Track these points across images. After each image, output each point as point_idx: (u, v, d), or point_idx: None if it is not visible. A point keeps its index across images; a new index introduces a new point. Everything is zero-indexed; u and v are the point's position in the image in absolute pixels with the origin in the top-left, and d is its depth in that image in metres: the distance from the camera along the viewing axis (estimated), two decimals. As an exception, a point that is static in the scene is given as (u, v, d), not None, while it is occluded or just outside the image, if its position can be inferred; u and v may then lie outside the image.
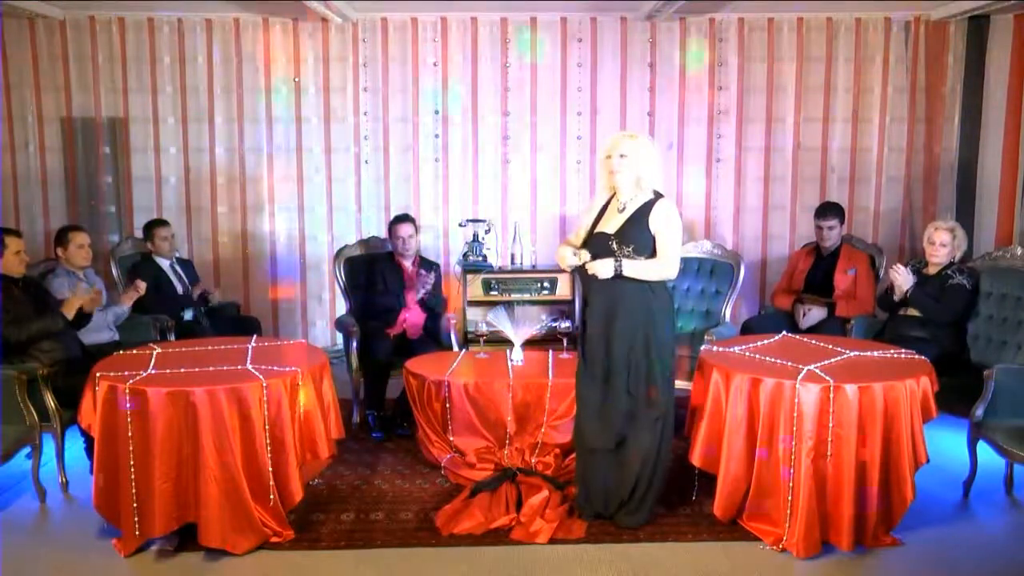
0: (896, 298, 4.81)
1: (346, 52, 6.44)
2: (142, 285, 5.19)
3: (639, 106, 6.50)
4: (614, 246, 3.60)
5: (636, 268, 3.60)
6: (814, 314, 5.32)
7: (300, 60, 6.45)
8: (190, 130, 6.49)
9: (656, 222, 3.61)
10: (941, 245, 4.77)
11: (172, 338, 5.14)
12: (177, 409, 3.43)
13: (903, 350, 3.98)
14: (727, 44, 6.42)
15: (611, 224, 3.66)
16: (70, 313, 4.45)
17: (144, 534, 3.48)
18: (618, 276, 3.57)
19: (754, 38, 6.42)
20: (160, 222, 5.74)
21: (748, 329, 5.38)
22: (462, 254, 6.42)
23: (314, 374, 3.79)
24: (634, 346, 3.61)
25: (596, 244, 3.67)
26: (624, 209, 3.66)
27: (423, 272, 5.34)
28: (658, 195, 3.67)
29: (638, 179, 3.63)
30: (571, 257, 3.69)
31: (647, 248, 3.61)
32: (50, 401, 4.13)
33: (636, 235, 3.60)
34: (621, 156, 3.61)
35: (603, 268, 3.58)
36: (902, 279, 4.72)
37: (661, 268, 3.65)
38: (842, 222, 5.55)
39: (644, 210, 3.63)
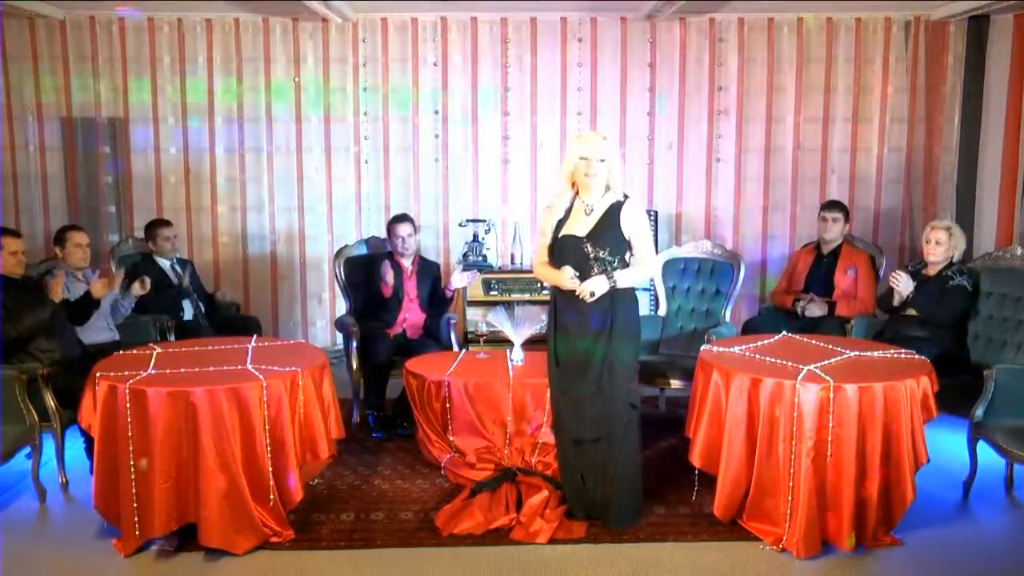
0: (896, 303, 4.82)
1: (346, 52, 6.45)
2: (148, 281, 5.15)
3: (639, 106, 6.51)
4: (588, 249, 3.60)
5: (628, 278, 3.64)
6: (814, 307, 5.31)
7: (300, 60, 6.45)
8: (190, 130, 6.50)
9: (630, 224, 3.63)
10: (936, 243, 4.78)
11: (172, 338, 5.13)
12: (177, 409, 3.42)
13: (903, 350, 3.98)
14: (727, 44, 6.42)
15: (579, 227, 3.65)
16: (56, 297, 4.44)
17: (144, 534, 3.48)
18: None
19: (754, 38, 6.42)
20: (163, 222, 5.73)
21: (748, 329, 5.38)
22: (462, 254, 6.43)
23: (314, 374, 3.79)
24: (608, 343, 3.61)
25: (567, 248, 3.64)
26: (592, 212, 3.65)
27: (456, 268, 5.35)
28: (625, 196, 3.68)
29: (608, 181, 3.64)
30: (569, 281, 3.58)
31: (621, 250, 3.64)
32: (50, 401, 4.13)
33: (610, 238, 3.62)
34: (600, 160, 3.59)
35: (599, 286, 3.57)
36: (903, 286, 4.72)
37: (647, 272, 3.75)
38: (846, 219, 5.56)
39: (614, 211, 3.64)
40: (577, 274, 3.59)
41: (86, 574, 3.45)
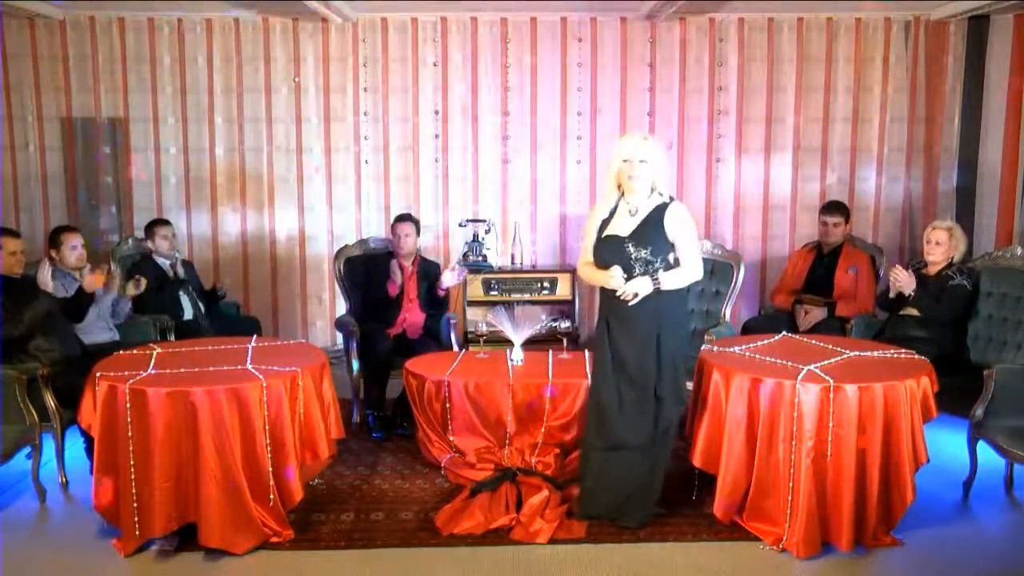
0: (891, 294, 4.80)
1: (346, 52, 6.45)
2: (143, 281, 5.18)
3: (639, 106, 6.51)
4: (630, 249, 3.59)
5: (672, 280, 3.61)
6: (815, 315, 5.32)
7: (300, 60, 6.45)
8: (190, 130, 6.50)
9: (674, 227, 3.61)
10: (936, 244, 4.79)
11: (172, 338, 5.13)
12: (177, 409, 3.43)
13: (903, 350, 3.98)
14: (727, 44, 6.42)
15: (623, 227, 3.65)
16: (89, 287, 4.48)
17: (144, 534, 3.48)
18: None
19: (754, 38, 6.42)
20: (161, 221, 5.73)
21: (748, 329, 5.38)
22: (462, 254, 6.43)
23: (314, 374, 3.79)
24: (657, 349, 3.61)
25: (609, 249, 3.65)
26: (636, 213, 3.65)
27: (455, 267, 5.38)
28: (671, 198, 3.67)
29: (653, 182, 3.64)
30: (614, 281, 3.57)
31: (664, 250, 3.61)
32: (50, 401, 4.13)
33: (652, 237, 3.60)
34: (642, 161, 3.59)
35: (642, 287, 3.56)
36: (905, 281, 4.72)
37: (692, 274, 3.66)
38: (847, 221, 5.56)
39: (658, 213, 3.62)
40: (625, 275, 3.58)
41: (86, 574, 3.45)
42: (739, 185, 6.57)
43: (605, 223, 3.71)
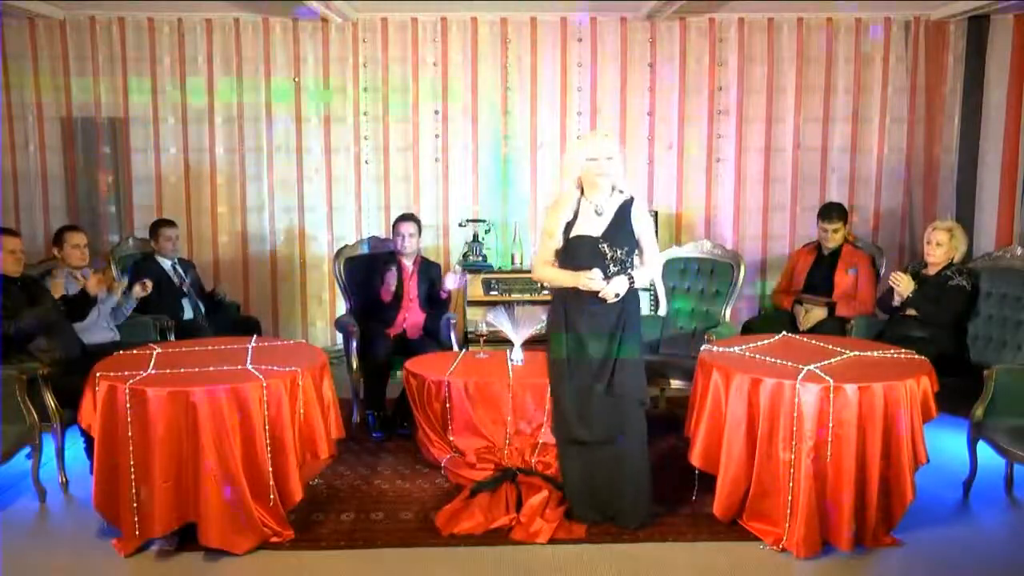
0: (895, 303, 4.82)
1: (346, 52, 6.45)
2: (149, 284, 5.18)
3: (639, 106, 6.51)
4: (605, 249, 3.59)
5: (643, 277, 3.70)
6: (815, 315, 5.32)
7: (300, 60, 6.45)
8: (190, 130, 6.50)
9: (640, 224, 3.67)
10: (937, 245, 4.79)
11: (172, 338, 5.13)
12: (177, 409, 3.43)
13: (903, 350, 3.98)
14: (727, 44, 6.42)
15: (592, 227, 3.63)
16: (56, 293, 4.43)
17: (144, 534, 3.48)
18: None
19: (754, 38, 6.42)
20: (167, 222, 5.74)
21: (748, 329, 5.38)
22: (462, 254, 6.43)
23: (314, 374, 3.79)
24: (620, 342, 3.62)
25: (582, 249, 3.62)
26: (602, 212, 3.64)
27: (457, 271, 5.39)
28: (631, 195, 3.69)
29: (614, 180, 3.64)
30: (596, 283, 3.55)
31: (634, 249, 3.68)
32: (50, 401, 4.13)
33: (625, 237, 3.63)
34: (608, 159, 3.58)
35: (623, 287, 3.58)
36: (903, 287, 4.73)
37: (657, 270, 3.79)
38: (845, 223, 5.56)
39: (625, 211, 3.64)
40: (603, 276, 3.57)
41: (86, 574, 3.45)
42: (739, 185, 6.57)
43: (570, 224, 3.67)
